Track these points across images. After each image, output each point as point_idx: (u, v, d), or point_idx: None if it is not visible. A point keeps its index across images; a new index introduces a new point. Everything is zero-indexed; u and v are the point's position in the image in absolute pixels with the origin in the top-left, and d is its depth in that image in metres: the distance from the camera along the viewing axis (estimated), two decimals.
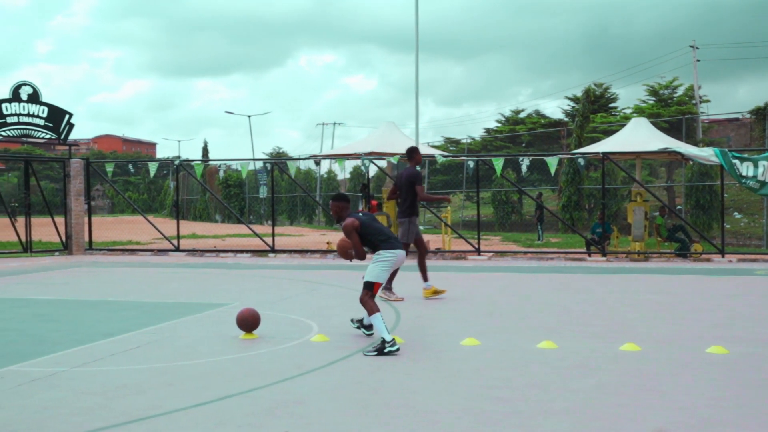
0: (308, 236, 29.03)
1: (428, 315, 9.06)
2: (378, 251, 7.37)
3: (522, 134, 43.56)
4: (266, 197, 41.96)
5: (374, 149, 20.76)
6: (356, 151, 20.87)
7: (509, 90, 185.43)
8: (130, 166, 63.44)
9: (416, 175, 10.60)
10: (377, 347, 6.76)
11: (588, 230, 21.64)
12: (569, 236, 27.74)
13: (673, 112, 35.22)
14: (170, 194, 62.73)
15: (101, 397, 5.31)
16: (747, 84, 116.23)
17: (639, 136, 19.42)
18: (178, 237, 20.47)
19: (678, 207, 28.40)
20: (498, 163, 18.67)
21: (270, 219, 28.71)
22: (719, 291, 11.40)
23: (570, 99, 43.44)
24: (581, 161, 19.83)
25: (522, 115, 46.64)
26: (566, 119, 42.76)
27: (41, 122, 19.84)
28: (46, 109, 19.93)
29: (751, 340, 7.26)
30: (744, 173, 16.22)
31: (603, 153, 18.30)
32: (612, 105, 42.16)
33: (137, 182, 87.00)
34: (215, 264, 17.05)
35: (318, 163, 31.80)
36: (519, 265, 15.98)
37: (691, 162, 20.95)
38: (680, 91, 37.99)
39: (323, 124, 64.26)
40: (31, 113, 19.68)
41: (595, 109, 38.46)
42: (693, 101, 37.52)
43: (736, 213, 30.43)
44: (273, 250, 19.49)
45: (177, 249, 20.10)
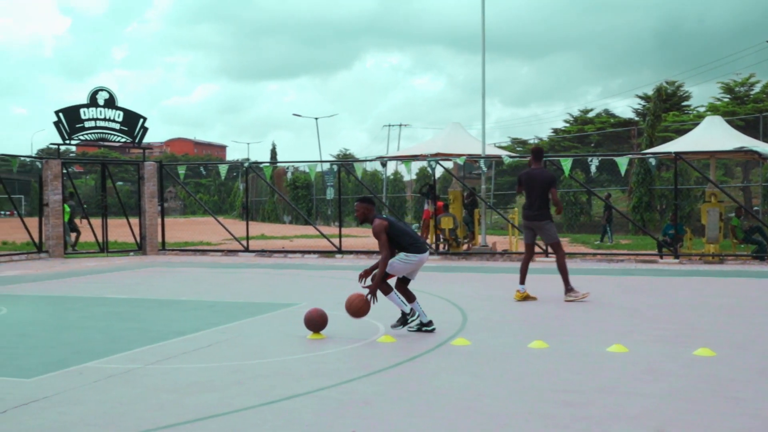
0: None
1: (495, 317, 9.00)
2: (405, 252, 7.67)
3: (591, 134, 42.79)
4: (333, 198, 42.32)
5: (440, 150, 20.76)
6: (422, 153, 20.88)
7: (578, 89, 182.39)
8: (201, 169, 64.66)
9: (555, 178, 10.57)
10: (400, 320, 7.79)
11: (659, 232, 21.14)
12: (640, 238, 27.12)
13: (750, 110, 34.06)
14: (240, 196, 63.83)
15: (174, 394, 5.45)
16: None
17: (713, 135, 19.06)
18: (248, 238, 20.84)
19: (755, 208, 27.53)
20: (566, 164, 18.43)
21: (337, 220, 28.96)
22: None
23: (641, 98, 42.51)
24: (652, 161, 19.46)
25: (591, 115, 45.77)
26: (637, 118, 41.83)
27: (117, 126, 20.51)
28: (122, 114, 20.58)
29: None
30: None
31: (675, 153, 17.91)
32: (685, 103, 41.07)
33: (208, 184, 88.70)
34: (283, 264, 17.30)
35: (384, 165, 31.83)
36: (588, 267, 15.72)
37: None
38: (757, 88, 36.72)
39: (389, 126, 63.94)
40: (108, 118, 20.36)
41: (667, 108, 37.54)
42: None
43: None
44: (340, 251, 19.66)
45: (246, 249, 20.46)
